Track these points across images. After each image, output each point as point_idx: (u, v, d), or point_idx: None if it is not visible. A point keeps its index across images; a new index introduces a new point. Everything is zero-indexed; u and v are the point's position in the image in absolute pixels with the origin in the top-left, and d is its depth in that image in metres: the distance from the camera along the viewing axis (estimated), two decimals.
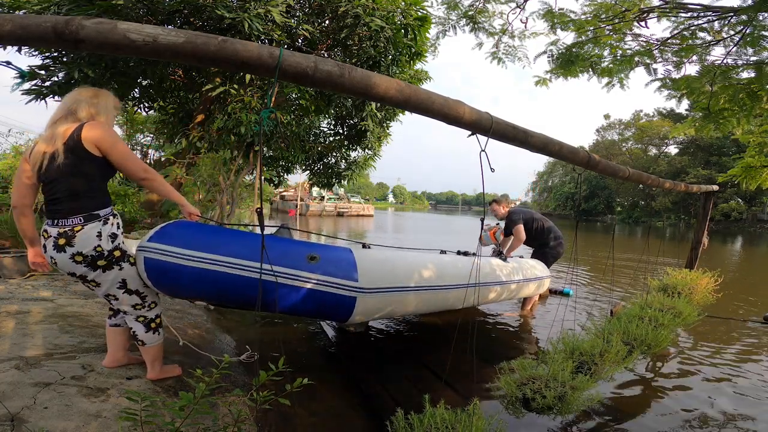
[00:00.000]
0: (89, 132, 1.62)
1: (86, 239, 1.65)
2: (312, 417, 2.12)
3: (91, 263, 1.69)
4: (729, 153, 33.71)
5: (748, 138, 4.26)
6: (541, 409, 1.82)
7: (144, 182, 1.80)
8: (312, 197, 39.13)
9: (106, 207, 1.73)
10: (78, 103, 1.70)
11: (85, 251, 1.66)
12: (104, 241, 1.69)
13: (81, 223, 1.65)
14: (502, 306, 4.64)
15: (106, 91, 1.83)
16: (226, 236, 2.06)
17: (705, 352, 3.51)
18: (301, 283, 2.01)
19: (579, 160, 2.13)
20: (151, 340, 1.92)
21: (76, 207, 1.65)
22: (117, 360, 2.00)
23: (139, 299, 1.87)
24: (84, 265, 1.68)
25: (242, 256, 1.95)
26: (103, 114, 1.75)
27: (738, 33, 3.22)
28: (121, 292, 1.81)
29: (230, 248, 1.96)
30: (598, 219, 46.79)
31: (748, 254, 13.85)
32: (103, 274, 1.73)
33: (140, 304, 1.88)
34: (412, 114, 2.49)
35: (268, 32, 4.23)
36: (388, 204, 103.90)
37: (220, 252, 1.93)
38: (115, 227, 1.75)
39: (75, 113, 1.69)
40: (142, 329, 1.89)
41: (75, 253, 1.65)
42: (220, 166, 5.02)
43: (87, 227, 1.65)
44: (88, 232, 1.65)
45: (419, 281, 2.59)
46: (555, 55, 4.32)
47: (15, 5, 3.86)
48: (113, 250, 1.73)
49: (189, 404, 1.10)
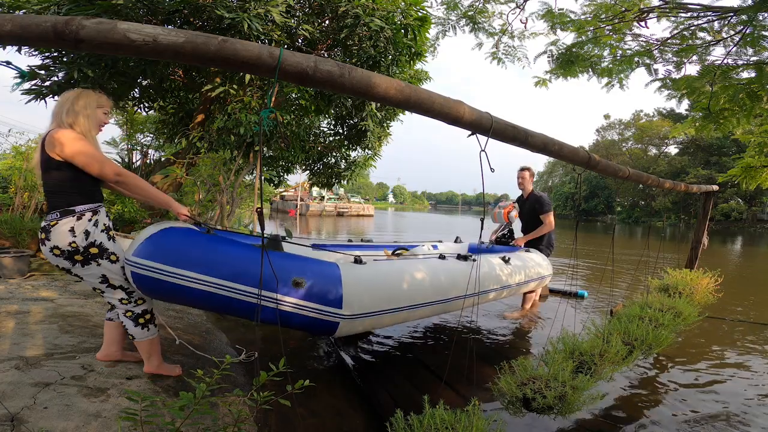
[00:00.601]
0: (50, 140, 1.71)
1: (59, 234, 1.71)
2: (312, 417, 2.12)
3: (69, 257, 1.74)
4: (729, 153, 33.72)
5: (748, 138, 4.26)
6: (542, 409, 1.82)
7: (118, 186, 1.85)
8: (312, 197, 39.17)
9: (84, 204, 1.77)
10: (61, 107, 1.79)
11: (61, 246, 1.72)
12: (78, 237, 1.73)
13: (57, 218, 1.72)
14: (503, 306, 4.63)
15: (88, 91, 1.86)
16: (217, 250, 1.94)
17: (705, 352, 3.51)
18: (285, 306, 1.94)
19: (579, 160, 2.13)
20: (140, 335, 1.93)
21: (54, 203, 1.75)
22: (109, 355, 2.02)
23: (124, 294, 1.89)
24: (63, 258, 1.74)
25: (234, 278, 1.87)
26: (82, 116, 1.79)
27: (738, 33, 3.22)
28: (104, 286, 1.85)
29: (221, 269, 1.87)
30: (598, 219, 46.80)
31: (748, 254, 13.85)
32: (82, 269, 1.77)
33: (126, 299, 1.90)
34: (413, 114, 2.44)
35: (267, 32, 4.23)
36: (388, 204, 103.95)
37: (211, 273, 1.85)
38: (91, 224, 1.77)
39: (58, 117, 1.77)
40: (131, 324, 1.92)
41: (52, 247, 1.72)
42: (220, 166, 5.02)
43: (61, 222, 1.72)
44: (61, 227, 1.71)
45: (411, 300, 2.45)
46: (555, 56, 4.32)
47: (15, 5, 3.85)
48: (88, 246, 1.75)
49: (189, 404, 1.10)
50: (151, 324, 1.97)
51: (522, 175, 4.49)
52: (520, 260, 3.68)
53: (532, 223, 4.49)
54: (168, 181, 4.96)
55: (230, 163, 5.12)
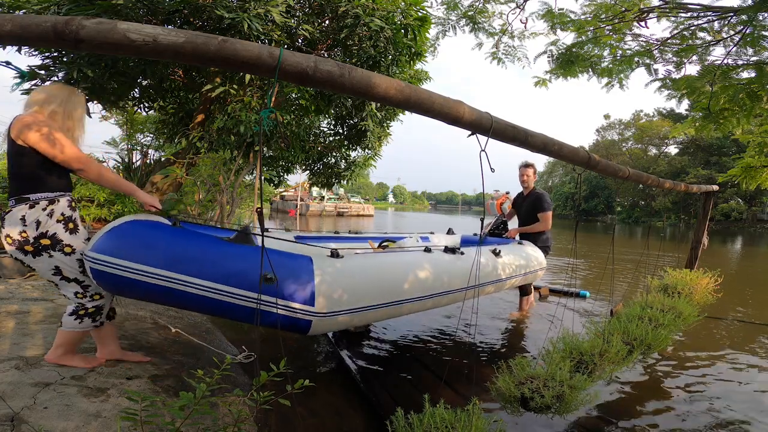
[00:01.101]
0: (15, 125, 1.67)
1: (12, 222, 1.67)
2: (312, 417, 2.12)
3: (20, 247, 1.68)
4: (729, 153, 33.71)
5: (748, 138, 4.26)
6: (540, 408, 1.82)
7: (80, 173, 1.78)
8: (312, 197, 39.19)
9: (41, 192, 1.71)
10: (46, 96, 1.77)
11: (13, 235, 1.66)
12: (29, 227, 1.67)
13: (12, 205, 1.68)
14: (503, 306, 4.63)
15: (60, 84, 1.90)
16: (182, 245, 1.82)
17: (705, 352, 3.51)
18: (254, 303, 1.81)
19: (579, 160, 2.13)
20: (69, 324, 1.83)
21: (12, 189, 1.70)
22: (111, 353, 1.99)
23: (79, 288, 1.82)
24: (15, 248, 1.68)
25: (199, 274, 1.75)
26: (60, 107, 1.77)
27: (738, 33, 3.22)
28: (58, 279, 1.78)
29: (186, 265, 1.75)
30: (598, 219, 46.79)
31: (748, 254, 13.85)
32: (34, 260, 1.71)
33: (81, 293, 1.83)
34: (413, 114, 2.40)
35: (267, 32, 4.23)
36: (388, 204, 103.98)
37: (175, 269, 1.74)
38: (44, 213, 1.70)
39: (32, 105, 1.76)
40: (70, 311, 1.83)
41: (6, 235, 1.67)
42: (220, 166, 5.02)
43: (14, 210, 1.67)
44: (14, 215, 1.67)
45: (392, 296, 2.27)
46: (555, 56, 4.32)
47: (15, 5, 3.85)
48: (39, 237, 1.69)
49: (189, 404, 1.10)
50: (87, 318, 1.85)
51: (526, 172, 4.38)
52: (512, 253, 3.51)
53: (530, 221, 4.39)
54: (168, 181, 4.96)
55: (230, 163, 5.13)
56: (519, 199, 4.59)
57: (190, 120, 5.72)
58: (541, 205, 4.27)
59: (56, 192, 1.76)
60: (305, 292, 1.90)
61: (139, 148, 9.26)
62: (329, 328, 2.08)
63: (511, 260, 3.39)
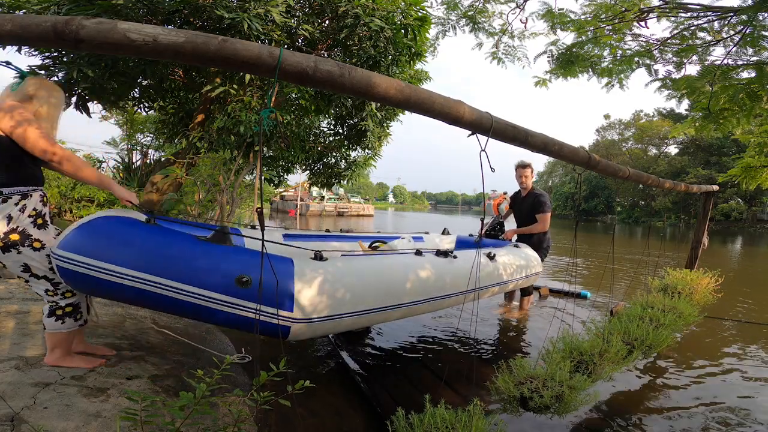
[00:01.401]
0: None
1: None
2: (312, 417, 2.12)
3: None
4: (729, 153, 33.71)
5: (748, 138, 4.26)
6: (539, 408, 1.82)
7: (54, 165, 1.73)
8: (312, 197, 39.18)
9: (14, 186, 1.67)
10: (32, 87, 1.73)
11: None
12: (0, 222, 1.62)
13: None
14: (502, 306, 4.63)
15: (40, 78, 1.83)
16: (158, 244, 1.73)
17: (705, 351, 3.51)
18: (228, 308, 1.72)
19: (579, 160, 2.13)
20: (52, 326, 1.81)
21: None
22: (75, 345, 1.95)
23: (49, 285, 1.78)
24: None
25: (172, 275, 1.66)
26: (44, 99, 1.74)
27: (738, 33, 3.22)
28: (27, 275, 1.74)
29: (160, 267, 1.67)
30: (598, 219, 46.79)
31: (748, 254, 13.85)
32: (3, 255, 1.67)
33: (52, 290, 1.79)
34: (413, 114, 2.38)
35: (267, 32, 4.23)
36: (388, 204, 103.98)
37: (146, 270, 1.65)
38: (16, 209, 1.66)
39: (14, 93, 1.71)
40: (47, 311, 1.81)
41: None
42: (220, 166, 5.02)
43: None
44: None
45: (378, 302, 2.16)
46: (555, 56, 4.32)
47: (15, 5, 3.85)
48: (9, 232, 1.64)
49: (189, 404, 1.10)
50: (68, 317, 1.82)
51: (524, 173, 4.33)
52: (507, 256, 3.42)
53: (529, 221, 4.35)
54: (168, 181, 4.96)
55: (230, 163, 5.13)
56: (517, 199, 4.54)
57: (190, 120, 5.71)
58: (541, 207, 4.24)
59: (29, 186, 1.71)
60: (283, 296, 1.79)
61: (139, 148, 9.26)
62: (311, 334, 1.97)
63: (505, 265, 3.31)
